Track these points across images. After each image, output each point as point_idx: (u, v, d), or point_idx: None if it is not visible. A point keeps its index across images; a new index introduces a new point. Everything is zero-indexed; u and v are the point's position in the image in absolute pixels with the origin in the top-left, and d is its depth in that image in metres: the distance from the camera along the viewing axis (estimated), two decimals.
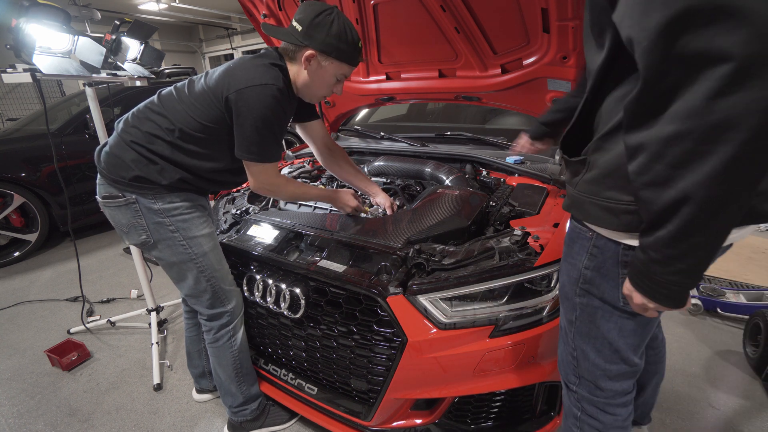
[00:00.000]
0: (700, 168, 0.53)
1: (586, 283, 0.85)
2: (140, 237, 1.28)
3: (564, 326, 0.96)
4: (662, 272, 0.64)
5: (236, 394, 1.47)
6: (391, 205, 1.57)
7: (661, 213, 0.60)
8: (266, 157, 1.25)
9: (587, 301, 0.86)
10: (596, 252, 0.81)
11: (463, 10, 1.54)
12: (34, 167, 3.32)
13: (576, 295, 0.88)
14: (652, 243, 0.64)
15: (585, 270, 0.84)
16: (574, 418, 0.98)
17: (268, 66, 1.20)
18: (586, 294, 0.86)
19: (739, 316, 2.16)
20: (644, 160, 0.59)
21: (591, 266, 0.83)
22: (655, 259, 0.64)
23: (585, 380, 0.93)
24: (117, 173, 1.22)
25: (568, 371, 0.98)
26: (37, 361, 2.09)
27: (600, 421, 0.93)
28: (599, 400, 0.93)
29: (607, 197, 0.72)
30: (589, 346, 0.90)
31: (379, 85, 2.07)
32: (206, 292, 1.34)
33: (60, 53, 1.65)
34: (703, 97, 0.50)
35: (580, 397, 0.96)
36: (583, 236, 0.83)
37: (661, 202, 0.59)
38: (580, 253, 0.85)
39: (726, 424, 1.56)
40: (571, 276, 0.88)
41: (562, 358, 1.00)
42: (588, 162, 0.76)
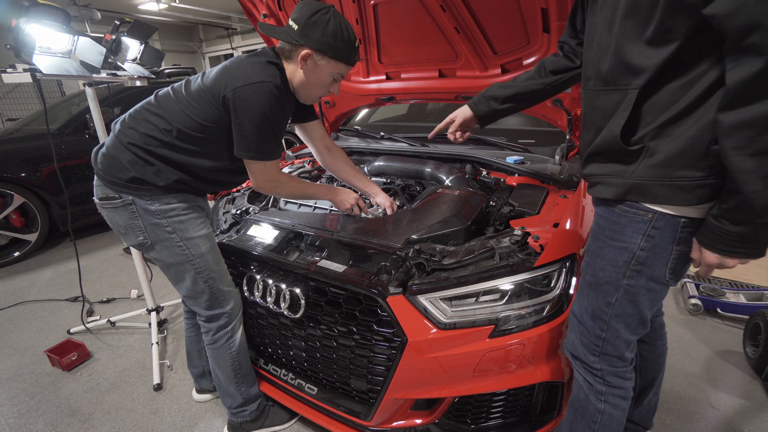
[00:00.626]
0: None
1: (639, 264, 0.90)
2: (137, 238, 1.28)
3: (593, 310, 1.00)
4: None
5: (235, 395, 1.47)
6: (391, 205, 1.57)
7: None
8: (266, 155, 1.25)
9: (635, 281, 0.92)
10: (654, 233, 0.86)
11: (463, 10, 1.54)
12: (34, 167, 3.32)
13: (624, 277, 0.92)
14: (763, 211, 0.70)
15: (640, 252, 0.89)
16: (598, 393, 1.03)
17: (265, 64, 1.20)
18: (636, 275, 0.91)
19: (739, 316, 2.16)
20: (749, 134, 0.66)
21: (647, 247, 0.88)
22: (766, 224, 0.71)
23: (607, 356, 1.00)
24: (114, 174, 1.22)
25: (587, 351, 1.03)
26: (37, 361, 2.09)
27: (623, 387, 1.02)
28: (620, 369, 1.01)
29: (680, 176, 0.79)
30: (621, 323, 0.96)
31: (379, 85, 2.07)
32: (204, 293, 1.34)
33: (60, 53, 1.65)
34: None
35: (603, 372, 1.02)
36: (639, 219, 0.87)
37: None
38: (633, 236, 0.89)
39: (726, 424, 1.56)
40: (618, 260, 0.92)
41: (581, 339, 1.04)
42: (646, 149, 0.81)
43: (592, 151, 0.92)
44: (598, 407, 1.04)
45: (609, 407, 1.03)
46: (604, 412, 1.04)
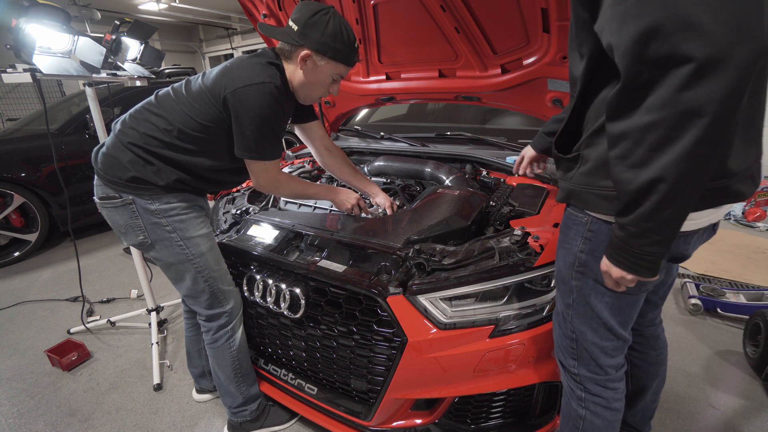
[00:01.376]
0: (673, 149, 0.63)
1: (581, 266, 0.92)
2: (137, 238, 1.28)
3: (561, 311, 1.02)
4: (641, 244, 0.72)
5: (236, 394, 1.47)
6: (391, 205, 1.57)
7: (639, 191, 0.68)
8: (267, 155, 1.25)
9: (582, 283, 0.93)
10: (591, 236, 0.89)
11: (463, 10, 1.54)
12: (34, 167, 3.32)
13: (572, 279, 0.95)
14: (631, 220, 0.71)
15: (580, 253, 0.91)
16: (579, 399, 1.04)
17: (265, 65, 1.20)
18: (581, 276, 0.93)
19: (739, 316, 2.16)
20: (627, 145, 0.68)
21: (586, 249, 0.90)
22: (634, 234, 0.72)
23: (584, 360, 1.01)
24: (114, 174, 1.22)
25: (566, 354, 1.04)
26: (37, 361, 2.09)
27: (603, 397, 1.01)
28: (600, 377, 1.01)
29: (603, 186, 0.81)
30: (586, 326, 0.97)
31: (379, 85, 2.07)
32: (204, 293, 1.34)
33: (60, 53, 1.65)
34: (673, 90, 0.60)
35: (582, 378, 1.02)
36: (579, 222, 0.91)
37: (639, 182, 0.67)
38: (575, 238, 0.92)
39: (726, 424, 1.56)
40: (566, 261, 0.96)
41: (560, 342, 1.05)
42: (581, 157, 0.85)
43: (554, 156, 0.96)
44: (579, 413, 1.04)
45: (590, 414, 1.02)
46: (585, 419, 1.03)
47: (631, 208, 0.70)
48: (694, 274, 2.61)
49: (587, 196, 0.85)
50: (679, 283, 2.52)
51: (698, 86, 0.58)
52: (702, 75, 0.57)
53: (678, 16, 0.57)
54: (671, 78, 0.60)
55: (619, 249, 0.76)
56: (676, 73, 0.59)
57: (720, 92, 0.57)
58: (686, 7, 0.57)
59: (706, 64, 0.57)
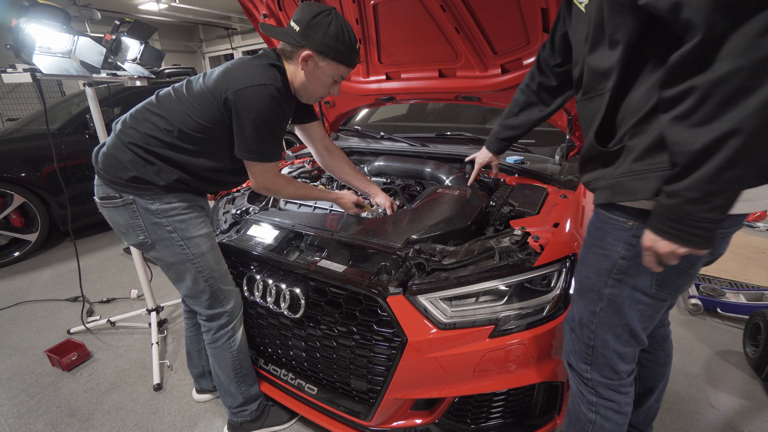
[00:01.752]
0: (750, 101, 0.59)
1: (620, 273, 0.87)
2: (138, 237, 1.28)
3: (581, 318, 0.98)
4: (698, 210, 0.67)
5: (236, 394, 1.47)
6: (391, 205, 1.57)
7: (703, 151, 0.63)
8: (267, 156, 1.25)
9: (617, 291, 0.89)
10: (635, 242, 0.83)
11: (463, 10, 1.54)
12: (34, 167, 3.32)
13: (606, 286, 0.90)
14: (689, 184, 0.66)
15: (621, 260, 0.86)
16: (589, 403, 1.02)
17: (267, 66, 1.20)
18: (618, 284, 0.88)
19: (739, 316, 2.16)
20: (691, 103, 0.64)
21: (628, 256, 0.85)
22: (691, 199, 0.67)
23: (599, 365, 0.98)
24: (114, 174, 1.22)
25: (578, 359, 1.01)
26: (37, 361, 2.09)
27: (615, 401, 1.00)
28: (614, 382, 0.98)
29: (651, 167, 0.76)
30: (609, 333, 0.94)
31: (379, 85, 2.07)
32: (205, 293, 1.34)
33: (60, 53, 1.65)
34: (752, 36, 0.57)
35: (595, 382, 1.00)
36: (620, 227, 0.85)
37: (704, 141, 0.63)
38: (614, 243, 0.87)
39: (726, 424, 1.56)
40: (601, 267, 0.90)
41: (573, 348, 1.03)
42: (626, 149, 0.80)
43: (582, 159, 0.92)
44: (589, 417, 1.03)
45: (600, 419, 1.01)
46: (595, 423, 1.02)
47: (690, 170, 0.66)
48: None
49: (633, 184, 0.79)
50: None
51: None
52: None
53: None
54: (753, 23, 0.56)
55: (669, 219, 0.70)
56: (757, 17, 0.56)
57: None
58: None
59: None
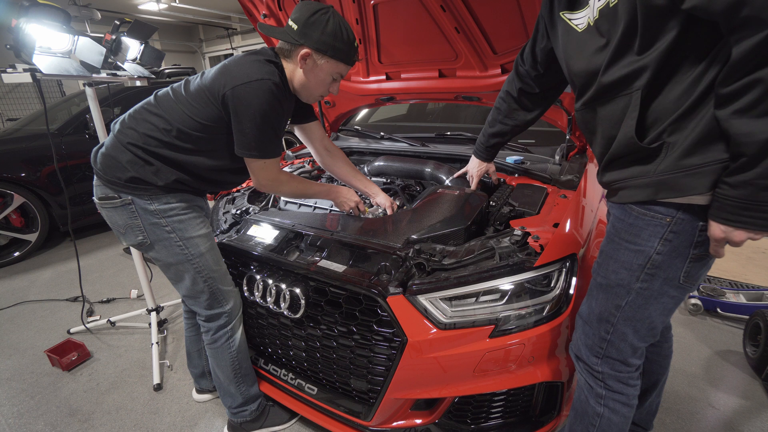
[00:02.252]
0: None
1: (654, 267, 0.89)
2: (137, 238, 1.28)
3: (602, 312, 0.99)
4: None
5: (235, 394, 1.47)
6: (391, 205, 1.57)
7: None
8: (266, 153, 1.25)
9: (648, 285, 0.91)
10: (672, 237, 0.85)
11: (463, 10, 1.54)
12: (34, 167, 3.32)
13: (638, 281, 0.91)
14: (761, 172, 0.68)
15: (656, 255, 0.88)
16: (598, 396, 1.03)
17: (263, 62, 1.20)
18: (650, 278, 0.90)
19: (739, 316, 2.16)
20: (755, 96, 0.66)
21: (664, 251, 0.87)
22: (765, 186, 0.69)
23: (610, 359, 1.00)
24: (113, 174, 1.22)
25: (590, 353, 1.03)
26: (37, 361, 2.09)
27: (625, 394, 1.02)
28: (623, 375, 1.01)
29: (704, 163, 0.77)
30: (629, 328, 0.96)
31: (379, 85, 2.07)
32: (204, 293, 1.34)
33: (60, 53, 1.65)
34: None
35: (605, 375, 1.01)
36: (658, 223, 0.86)
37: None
38: (649, 239, 0.88)
39: (726, 424, 1.56)
40: (633, 263, 0.91)
41: (584, 341, 1.04)
42: (666, 145, 0.80)
43: (609, 158, 0.90)
44: (597, 410, 1.04)
45: (609, 412, 1.02)
46: (603, 416, 1.03)
47: (759, 159, 0.68)
48: None
49: (685, 180, 0.79)
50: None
51: None
52: None
53: None
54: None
55: (741, 209, 0.72)
56: None
57: None
58: None
59: None
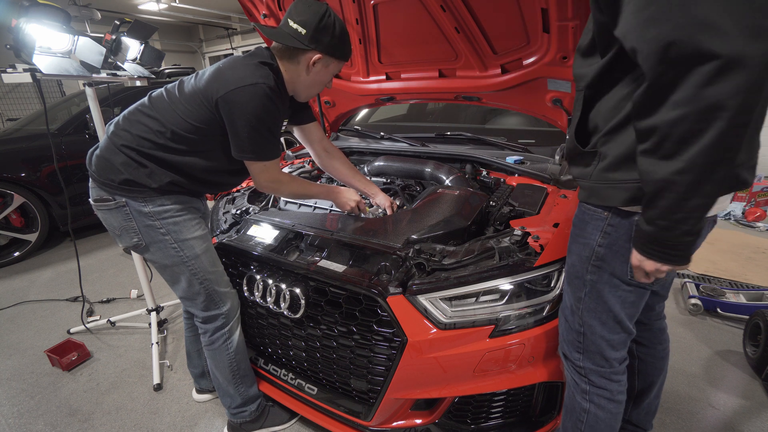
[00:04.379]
0: (699, 141, 0.66)
1: (598, 260, 0.94)
2: (132, 240, 1.28)
3: (571, 304, 1.04)
4: (671, 236, 0.75)
5: (234, 395, 1.47)
6: (391, 205, 1.57)
7: (663, 183, 0.71)
8: (265, 155, 1.25)
9: (597, 277, 0.96)
10: (610, 230, 0.91)
11: (463, 10, 1.54)
12: (34, 167, 3.32)
13: (587, 273, 0.97)
14: (658, 213, 0.74)
15: (598, 248, 0.93)
16: (583, 392, 1.06)
17: (257, 65, 1.20)
18: (597, 270, 0.95)
19: (739, 316, 2.16)
20: (655, 140, 0.71)
21: (604, 243, 0.92)
22: (663, 227, 0.75)
23: (590, 353, 1.03)
24: (107, 176, 1.22)
25: (572, 348, 1.06)
26: (37, 361, 2.09)
27: (608, 389, 1.04)
28: (605, 370, 1.03)
29: (621, 179, 0.83)
30: (595, 320, 0.99)
31: (379, 85, 2.07)
32: (200, 295, 1.34)
33: (60, 53, 1.65)
34: (696, 87, 0.63)
35: (587, 371, 1.04)
36: (598, 217, 0.92)
37: (663, 174, 0.71)
38: (592, 232, 0.94)
39: (726, 424, 1.56)
40: (582, 255, 0.97)
41: (566, 336, 1.07)
42: (598, 153, 0.87)
43: (568, 154, 0.97)
44: (583, 406, 1.06)
45: (594, 407, 1.05)
46: (589, 412, 1.05)
47: (656, 200, 0.73)
48: (694, 274, 2.60)
49: (607, 191, 0.87)
50: (679, 283, 2.52)
51: (720, 82, 0.61)
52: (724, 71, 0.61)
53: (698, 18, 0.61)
54: (694, 76, 0.63)
55: (650, 242, 0.78)
56: (698, 71, 0.63)
57: (743, 86, 0.61)
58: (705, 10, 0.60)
59: (728, 60, 0.60)
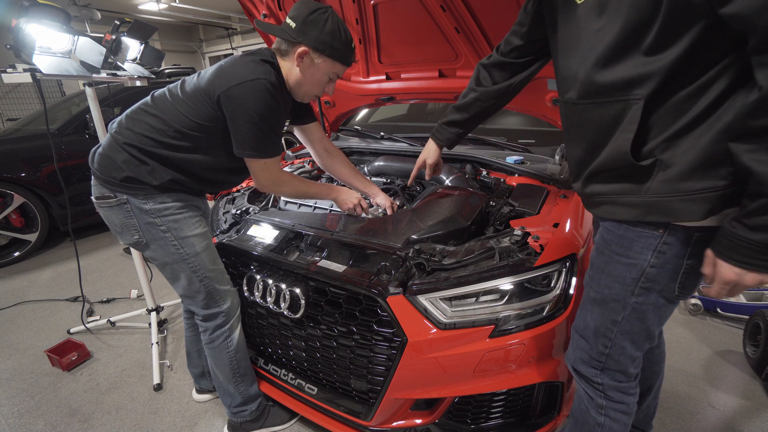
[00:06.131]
0: None
1: (648, 281, 0.86)
2: (133, 237, 1.28)
3: (598, 327, 0.96)
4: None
5: (234, 394, 1.47)
6: (391, 205, 1.57)
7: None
8: (266, 152, 1.25)
9: (644, 299, 0.88)
10: (665, 248, 0.82)
11: (463, 10, 1.54)
12: (34, 167, 3.32)
13: (633, 295, 0.88)
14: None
15: (650, 268, 0.85)
16: (599, 407, 1.01)
17: (258, 62, 1.20)
18: (645, 292, 0.87)
19: (739, 316, 2.16)
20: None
21: (658, 263, 0.84)
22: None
23: (610, 370, 0.98)
24: (108, 174, 1.22)
25: (587, 366, 1.01)
26: (37, 361, 2.09)
27: (625, 403, 1.00)
28: (623, 384, 0.99)
29: (702, 188, 0.73)
30: (628, 341, 0.93)
31: (379, 85, 2.07)
32: (200, 293, 1.34)
33: (60, 53, 1.65)
34: None
35: (605, 387, 1.00)
36: (649, 234, 0.83)
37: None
38: (642, 252, 0.84)
39: (726, 424, 1.56)
40: (627, 276, 0.88)
41: (581, 356, 1.02)
42: (659, 162, 0.76)
43: (595, 169, 0.85)
44: (598, 420, 1.02)
45: (609, 421, 1.01)
46: (603, 426, 1.02)
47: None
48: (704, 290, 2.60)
49: (679, 205, 0.75)
50: None
51: None
52: None
53: None
54: None
55: (759, 252, 0.68)
56: None
57: None
58: None
59: None
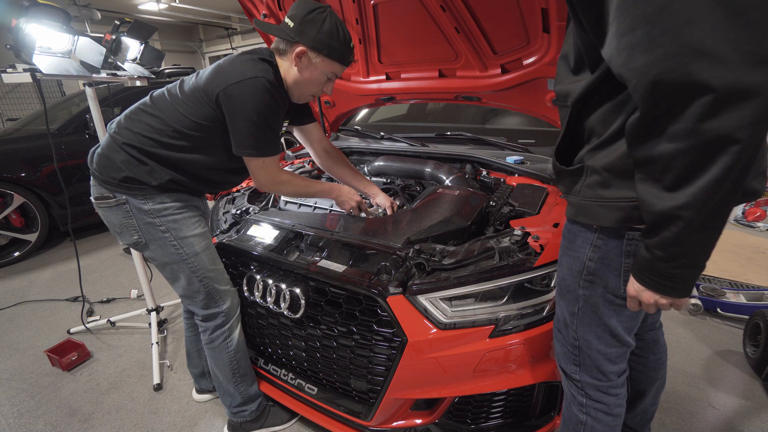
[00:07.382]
0: (703, 177, 0.60)
1: (590, 274, 0.89)
2: (132, 237, 1.28)
3: (564, 318, 1.00)
4: (669, 267, 0.70)
5: (234, 394, 1.47)
6: (391, 205, 1.57)
7: (667, 215, 0.65)
8: (265, 150, 1.24)
9: (590, 292, 0.91)
10: (600, 244, 0.86)
11: (463, 10, 1.54)
12: (34, 167, 3.32)
13: (579, 287, 0.92)
14: (657, 242, 0.69)
15: (589, 262, 0.88)
16: (580, 405, 1.03)
17: (257, 61, 1.20)
18: (589, 285, 0.91)
19: (739, 316, 2.16)
20: (654, 170, 0.66)
21: (596, 258, 0.87)
22: (660, 257, 0.70)
23: (587, 366, 1.00)
24: (107, 174, 1.22)
25: (568, 361, 1.03)
26: (37, 361, 2.09)
27: (605, 403, 1.01)
28: (602, 384, 1.00)
29: (613, 197, 0.78)
30: (591, 334, 0.95)
31: (379, 85, 2.07)
32: (200, 293, 1.34)
33: (60, 53, 1.65)
34: (695, 120, 0.58)
35: (584, 384, 1.01)
36: (585, 231, 0.88)
37: (667, 206, 0.65)
38: (583, 246, 0.89)
39: (726, 424, 1.56)
40: (573, 269, 0.93)
41: (560, 349, 1.04)
42: (586, 168, 0.82)
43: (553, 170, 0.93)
44: (579, 418, 1.03)
45: (591, 420, 1.02)
46: (586, 424, 1.03)
47: (656, 230, 0.68)
48: None
49: (596, 210, 0.81)
50: None
51: (723, 114, 0.55)
52: (725, 103, 0.55)
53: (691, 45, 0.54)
54: (692, 108, 0.57)
55: (648, 271, 0.73)
56: (696, 102, 0.57)
57: (749, 119, 0.55)
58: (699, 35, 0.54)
59: (729, 92, 0.54)
